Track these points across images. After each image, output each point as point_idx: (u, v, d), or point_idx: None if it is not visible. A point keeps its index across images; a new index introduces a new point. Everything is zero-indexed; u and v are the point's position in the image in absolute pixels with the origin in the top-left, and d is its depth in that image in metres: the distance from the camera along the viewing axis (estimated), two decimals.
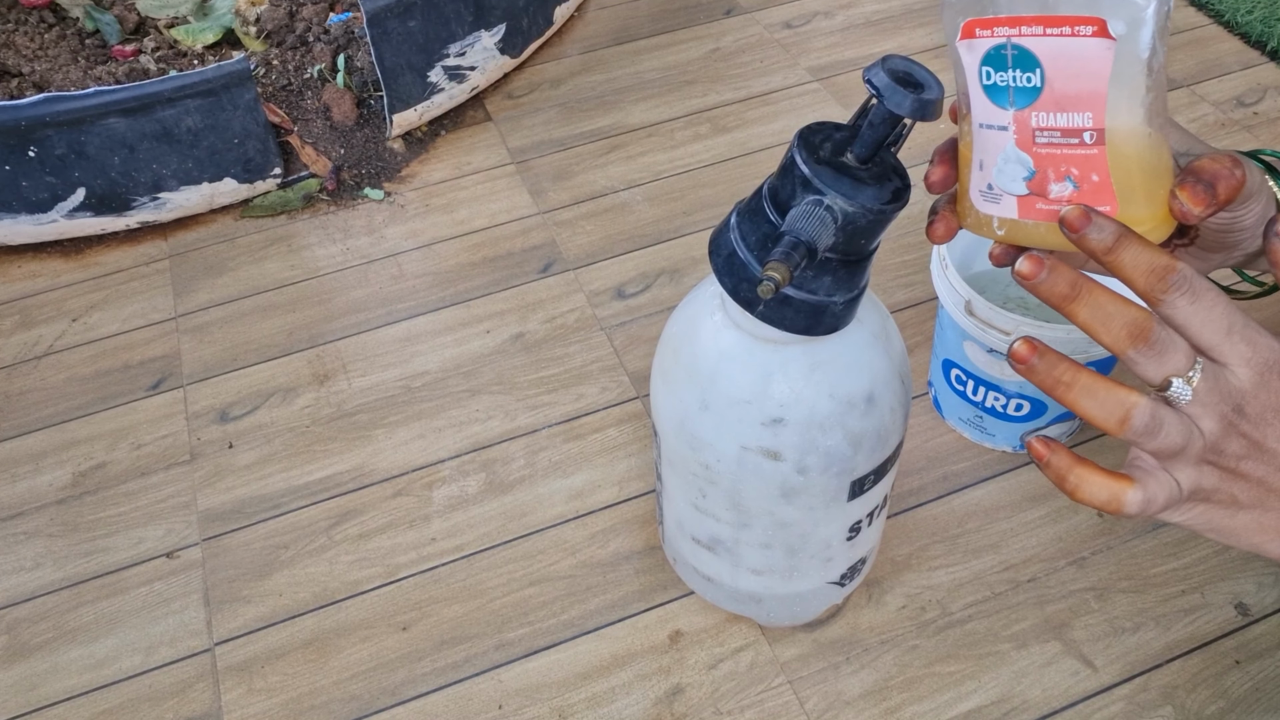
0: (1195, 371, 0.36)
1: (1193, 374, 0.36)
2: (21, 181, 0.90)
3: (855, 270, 0.46)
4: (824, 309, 0.46)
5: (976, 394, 0.71)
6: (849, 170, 0.43)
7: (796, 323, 0.46)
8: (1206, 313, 0.36)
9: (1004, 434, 0.73)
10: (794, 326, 0.46)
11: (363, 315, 0.89)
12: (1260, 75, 1.06)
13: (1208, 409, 0.36)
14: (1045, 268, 0.36)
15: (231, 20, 1.08)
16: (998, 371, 0.68)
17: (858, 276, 0.46)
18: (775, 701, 0.63)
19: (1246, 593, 0.66)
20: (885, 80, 0.39)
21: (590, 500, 0.74)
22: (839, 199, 0.42)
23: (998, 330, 0.64)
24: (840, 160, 0.43)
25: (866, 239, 0.44)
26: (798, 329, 0.47)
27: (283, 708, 0.65)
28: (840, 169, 0.43)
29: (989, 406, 0.71)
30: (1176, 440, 0.37)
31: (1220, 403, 0.36)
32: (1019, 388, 0.68)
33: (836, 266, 0.45)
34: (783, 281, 0.40)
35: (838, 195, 0.42)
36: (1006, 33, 0.35)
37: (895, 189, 0.43)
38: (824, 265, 0.45)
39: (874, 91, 0.39)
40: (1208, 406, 0.36)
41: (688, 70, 1.13)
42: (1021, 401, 0.69)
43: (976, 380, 0.70)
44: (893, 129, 0.41)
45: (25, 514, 0.76)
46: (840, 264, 0.45)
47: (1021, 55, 0.35)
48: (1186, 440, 0.37)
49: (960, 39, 0.37)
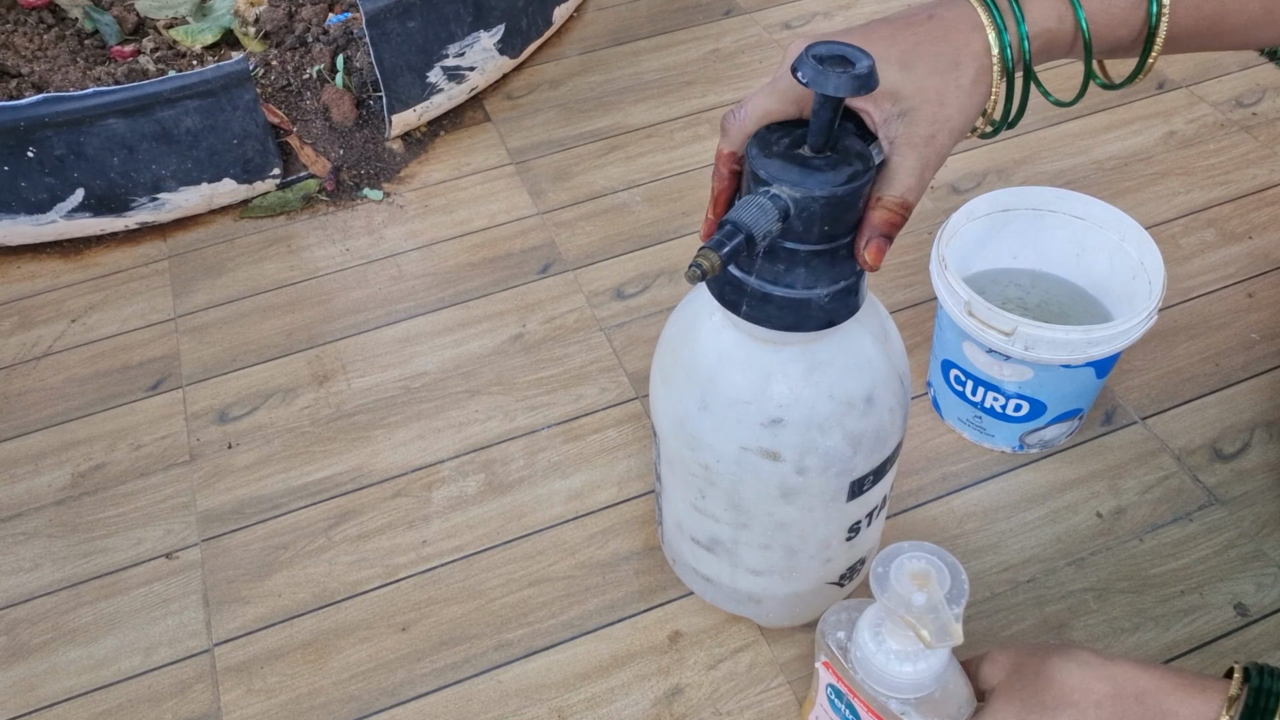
0: None
1: None
2: (20, 182, 0.90)
3: (833, 261, 0.45)
4: (807, 303, 0.45)
5: (976, 394, 0.71)
6: (802, 160, 0.43)
7: (782, 319, 0.46)
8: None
9: (1003, 434, 0.73)
10: (781, 324, 0.46)
11: (362, 316, 0.89)
12: (1259, 76, 1.06)
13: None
14: None
15: (230, 21, 1.08)
16: (997, 372, 0.68)
17: (839, 267, 0.45)
18: (775, 702, 0.63)
19: (1246, 593, 0.66)
20: (812, 66, 0.40)
21: (589, 501, 0.74)
22: (784, 187, 0.42)
23: (997, 330, 0.64)
24: (795, 152, 0.43)
25: (830, 226, 0.43)
26: (785, 325, 0.46)
27: (282, 708, 0.65)
28: (792, 160, 0.43)
29: (988, 407, 0.71)
30: None
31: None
32: (1018, 388, 0.68)
33: (808, 257, 0.44)
34: (709, 268, 0.40)
35: (784, 184, 0.42)
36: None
37: (852, 172, 0.43)
38: (792, 257, 0.44)
39: (804, 82, 0.40)
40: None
41: (687, 71, 1.13)
42: (1021, 402, 0.69)
43: (976, 380, 0.70)
44: (835, 112, 0.42)
45: (24, 514, 0.76)
46: (812, 255, 0.44)
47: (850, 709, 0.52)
48: None
49: (820, 661, 0.53)
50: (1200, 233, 0.90)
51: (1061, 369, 0.66)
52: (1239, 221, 0.91)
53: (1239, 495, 0.71)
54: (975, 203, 0.72)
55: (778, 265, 0.45)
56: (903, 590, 0.45)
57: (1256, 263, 0.87)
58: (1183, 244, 0.89)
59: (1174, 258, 0.88)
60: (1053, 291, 0.76)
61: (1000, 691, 0.48)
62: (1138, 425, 0.76)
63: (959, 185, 0.97)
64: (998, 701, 0.48)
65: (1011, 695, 0.47)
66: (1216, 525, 0.70)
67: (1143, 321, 0.64)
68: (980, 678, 0.50)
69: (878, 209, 0.44)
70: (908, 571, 0.46)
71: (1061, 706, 0.46)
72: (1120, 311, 0.72)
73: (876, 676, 0.48)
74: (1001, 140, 1.00)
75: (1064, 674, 0.46)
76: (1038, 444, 0.73)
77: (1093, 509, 0.71)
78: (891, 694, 0.48)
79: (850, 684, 0.50)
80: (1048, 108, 1.03)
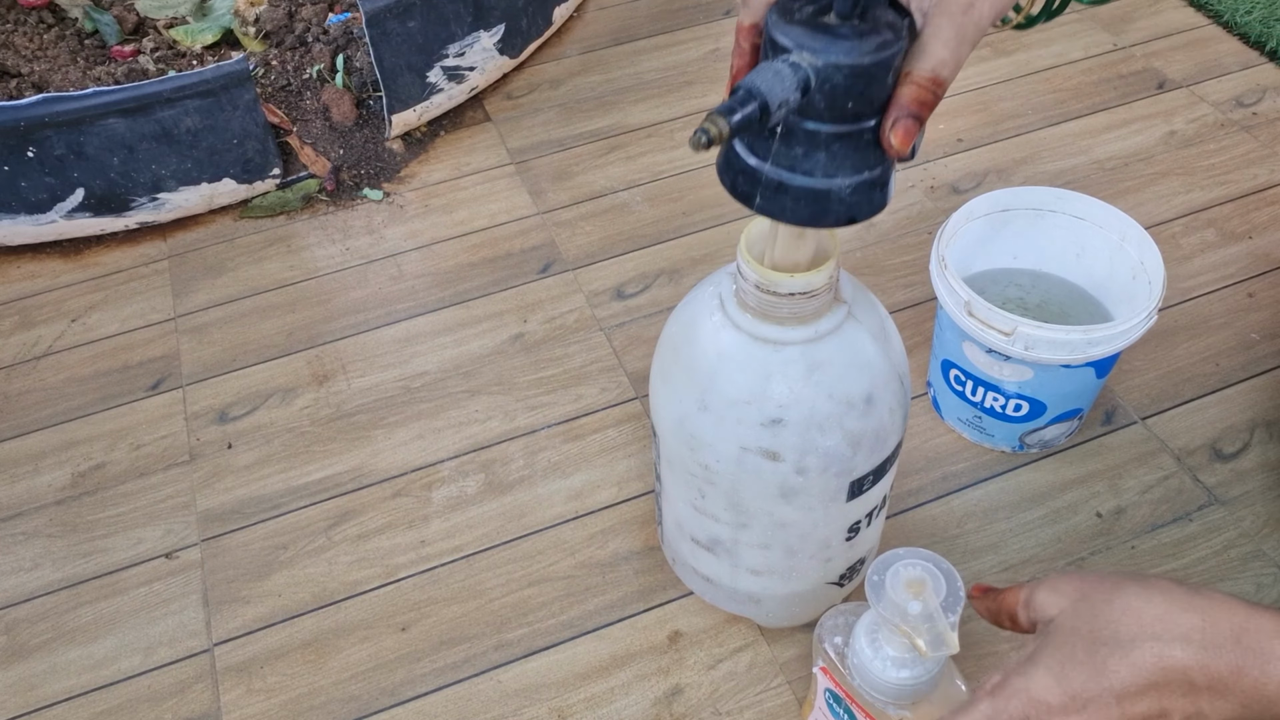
0: None
1: None
2: (20, 182, 0.90)
3: (857, 146, 0.40)
4: (827, 194, 0.41)
5: (975, 394, 0.71)
6: (827, 27, 0.38)
7: (799, 212, 0.41)
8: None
9: (1003, 434, 0.73)
10: (797, 217, 0.42)
11: (362, 316, 0.89)
12: (1259, 76, 1.06)
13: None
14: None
15: (230, 21, 1.08)
16: (997, 372, 0.68)
17: (864, 155, 0.40)
18: (775, 702, 0.63)
19: (1246, 593, 0.66)
20: None
21: (589, 501, 0.74)
22: (806, 55, 0.37)
23: (997, 331, 0.64)
24: (820, 20, 0.39)
25: (854, 102, 0.39)
26: (802, 219, 0.42)
27: (282, 708, 0.65)
28: (816, 26, 0.38)
29: (988, 407, 0.71)
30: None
31: None
32: (1018, 388, 0.68)
33: (829, 141, 0.40)
34: (716, 135, 0.36)
35: (805, 52, 0.37)
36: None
37: (881, 41, 0.38)
38: (811, 140, 0.40)
39: None
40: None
41: (687, 70, 1.13)
42: (1021, 402, 0.69)
43: (976, 380, 0.70)
44: None
45: (24, 514, 0.76)
46: (833, 138, 0.40)
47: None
48: None
49: (818, 666, 0.53)
50: (1200, 233, 0.90)
51: (1061, 369, 0.66)
52: (1239, 221, 0.91)
53: (1239, 495, 0.71)
54: (975, 203, 0.72)
55: (795, 149, 0.40)
56: (898, 599, 0.45)
57: (1256, 263, 0.87)
58: (1183, 244, 0.89)
59: (1174, 258, 0.88)
60: (1053, 291, 0.76)
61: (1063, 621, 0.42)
62: (1138, 425, 0.76)
63: (959, 185, 0.97)
64: (1059, 634, 0.41)
65: (1078, 625, 0.41)
66: (1216, 525, 0.70)
67: (1142, 321, 0.64)
68: (1035, 606, 0.44)
69: (907, 85, 0.39)
70: (903, 579, 0.45)
71: (1141, 639, 0.39)
72: (1120, 311, 0.72)
73: (873, 682, 0.48)
74: (1001, 140, 1.00)
75: (1142, 602, 0.40)
76: (1038, 444, 0.73)
77: (1093, 509, 0.71)
78: (888, 700, 0.48)
79: (847, 689, 0.50)
80: (1050, 107, 1.03)
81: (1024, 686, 0.41)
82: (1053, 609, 0.43)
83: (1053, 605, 0.43)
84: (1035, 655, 0.42)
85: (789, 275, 0.47)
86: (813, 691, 0.56)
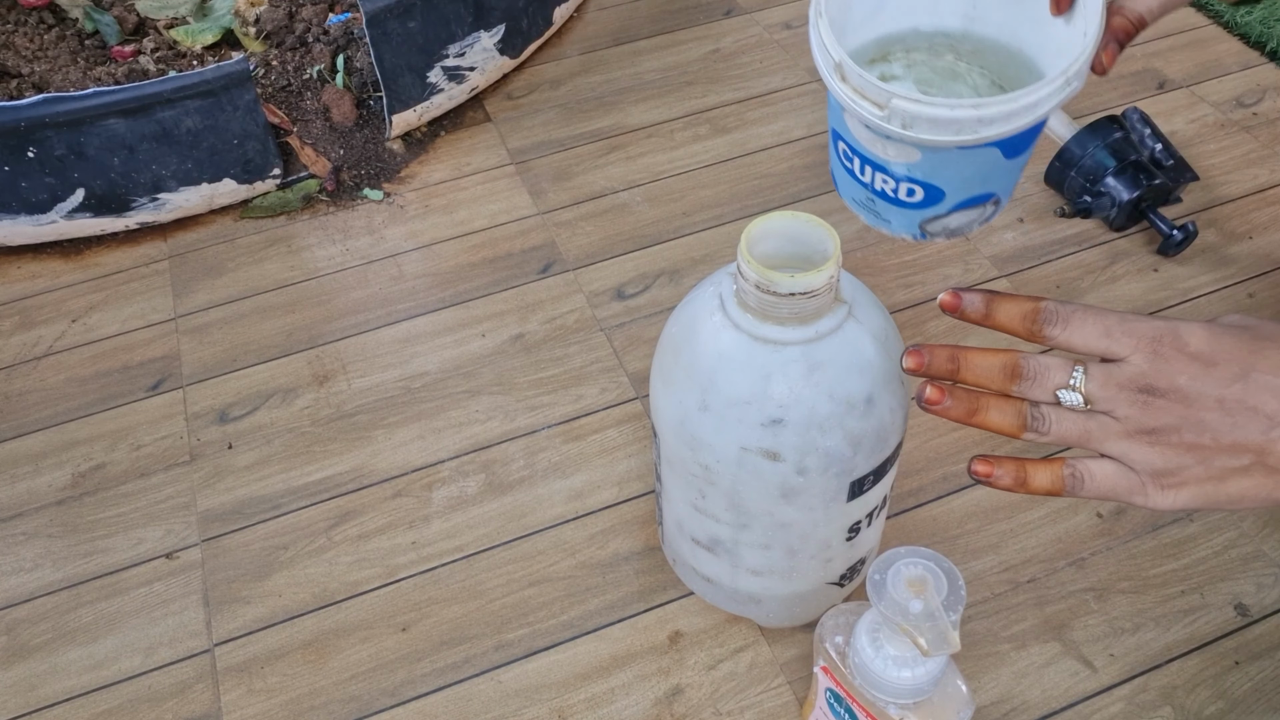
0: (1078, 377, 0.41)
1: (1075, 380, 0.42)
2: (21, 182, 0.90)
3: None
4: None
5: (864, 174, 0.55)
6: None
7: None
8: (1079, 329, 0.41)
9: (899, 220, 0.57)
10: None
11: (362, 316, 0.89)
12: (1260, 76, 1.06)
13: (1115, 400, 0.41)
14: (925, 352, 0.43)
15: (231, 21, 1.08)
16: (881, 150, 0.52)
17: None
18: (775, 702, 0.63)
19: (1246, 593, 0.66)
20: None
21: (590, 501, 0.74)
22: None
23: (870, 103, 0.48)
24: None
25: None
26: None
27: (282, 708, 0.65)
28: None
29: (879, 189, 0.55)
30: (1072, 430, 0.42)
31: (1123, 390, 0.41)
32: (907, 170, 0.53)
33: None
34: None
35: None
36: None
37: None
38: None
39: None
40: (1113, 399, 0.41)
41: (687, 71, 1.13)
42: (913, 186, 0.54)
43: (863, 159, 0.54)
44: None
45: (24, 515, 0.76)
46: None
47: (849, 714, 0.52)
48: (1084, 429, 0.42)
49: (819, 665, 0.53)
50: (1199, 233, 0.90)
51: (956, 151, 0.50)
52: (1239, 221, 0.91)
53: None
54: None
55: None
56: (899, 598, 0.45)
57: (1257, 263, 0.87)
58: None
59: (1174, 257, 0.88)
60: (987, 48, 0.57)
61: (1214, 327, 0.41)
62: None
63: None
64: (1210, 330, 0.40)
65: (1228, 325, 0.41)
66: (1216, 525, 0.70)
67: (1054, 93, 0.47)
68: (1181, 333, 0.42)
69: (1118, 16, 0.47)
70: (904, 578, 0.45)
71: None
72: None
73: (874, 682, 0.48)
74: None
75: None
76: (942, 232, 0.57)
77: (1093, 509, 0.71)
78: (890, 699, 0.48)
79: (849, 689, 0.50)
80: None
81: (1175, 325, 0.41)
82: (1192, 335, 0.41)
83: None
84: (1191, 322, 0.41)
85: (789, 275, 0.47)
86: (813, 691, 0.56)
